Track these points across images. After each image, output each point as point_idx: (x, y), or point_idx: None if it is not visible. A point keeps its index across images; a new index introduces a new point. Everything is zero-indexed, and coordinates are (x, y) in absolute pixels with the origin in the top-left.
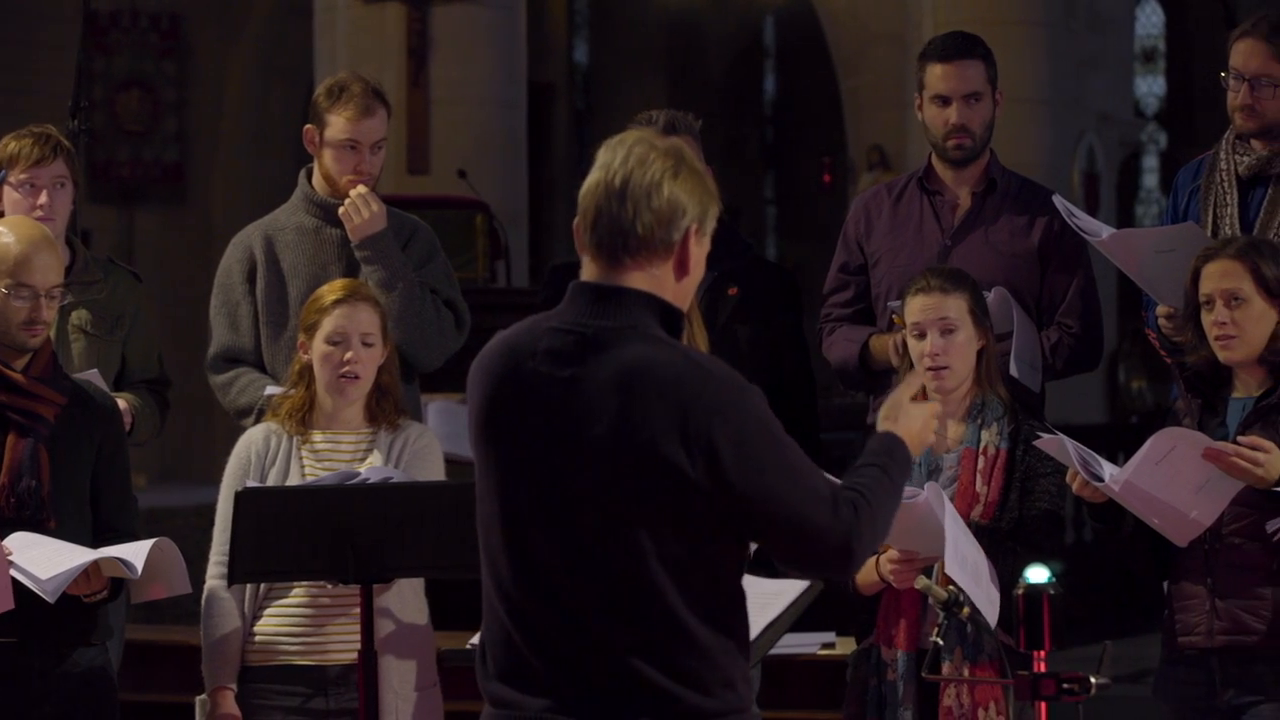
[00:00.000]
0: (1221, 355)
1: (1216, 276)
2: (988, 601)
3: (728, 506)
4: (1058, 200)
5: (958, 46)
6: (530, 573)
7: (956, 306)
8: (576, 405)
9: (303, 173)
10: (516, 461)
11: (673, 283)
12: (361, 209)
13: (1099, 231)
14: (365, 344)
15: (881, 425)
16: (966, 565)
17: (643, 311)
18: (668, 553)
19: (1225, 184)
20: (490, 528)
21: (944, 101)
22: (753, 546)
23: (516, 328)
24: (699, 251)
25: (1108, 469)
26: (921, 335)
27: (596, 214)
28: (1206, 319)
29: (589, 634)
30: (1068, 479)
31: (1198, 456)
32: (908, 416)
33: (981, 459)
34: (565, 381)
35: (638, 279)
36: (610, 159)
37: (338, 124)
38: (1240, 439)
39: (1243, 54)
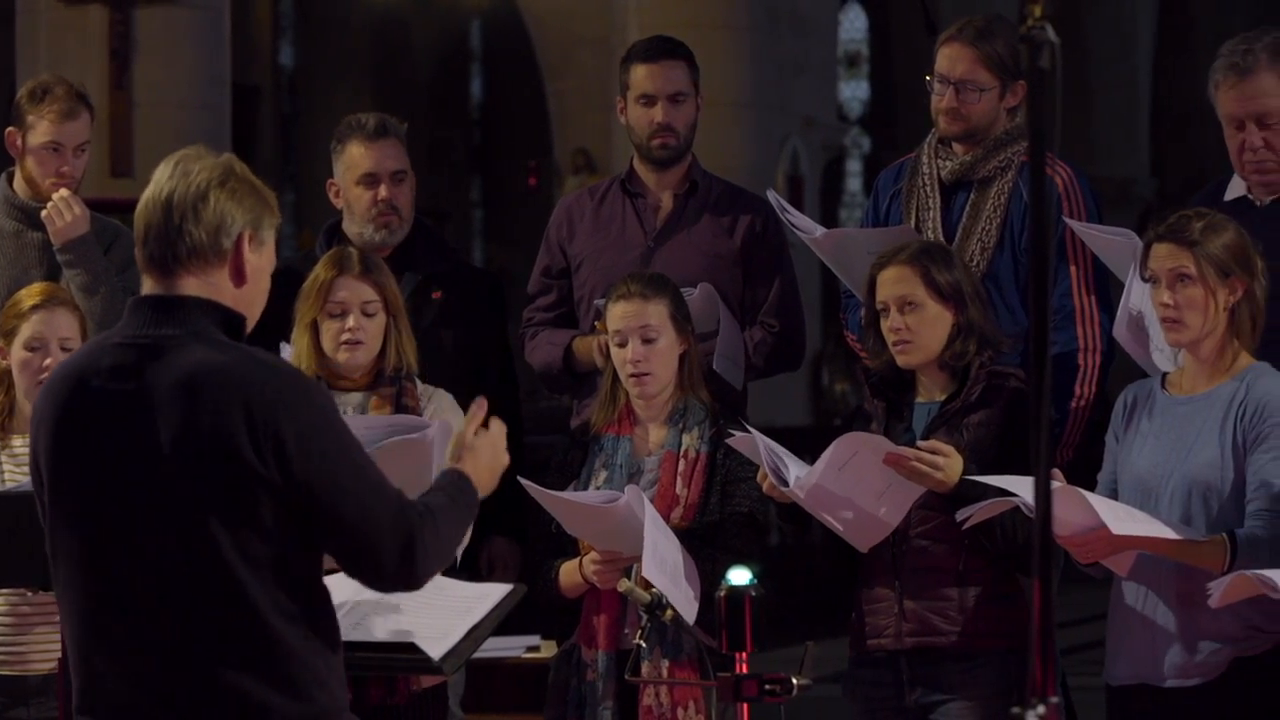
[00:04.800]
0: (900, 361)
1: (890, 283)
2: (686, 602)
3: (295, 500)
4: (771, 196)
5: (662, 48)
6: (111, 590)
7: (657, 313)
8: (143, 416)
9: (3, 176)
10: (91, 482)
11: (231, 289)
12: (64, 212)
13: (813, 230)
14: (64, 349)
15: (449, 463)
16: (666, 567)
17: (202, 318)
18: (249, 555)
19: (928, 188)
20: (67, 552)
21: (649, 101)
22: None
23: (80, 351)
24: (257, 260)
25: (794, 471)
26: (623, 343)
27: (147, 229)
28: (884, 325)
29: (173, 647)
30: (758, 478)
31: (879, 461)
32: (473, 453)
33: (682, 462)
34: (130, 394)
35: (195, 287)
36: (160, 176)
37: (40, 127)
38: (920, 443)
39: (949, 58)
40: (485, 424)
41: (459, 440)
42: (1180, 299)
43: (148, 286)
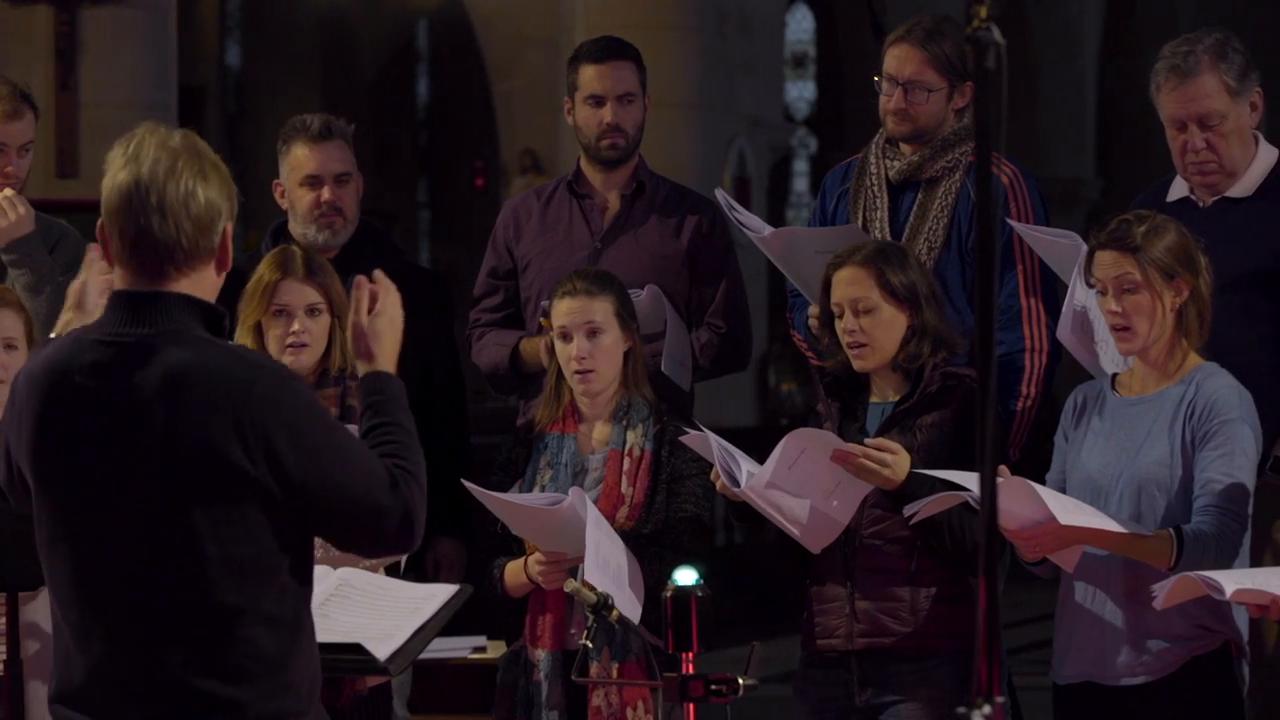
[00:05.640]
0: (856, 365)
1: (844, 284)
2: (630, 604)
3: (288, 498)
4: (720, 195)
5: (610, 48)
6: (92, 590)
7: (603, 309)
8: (126, 416)
9: None
10: (73, 481)
11: (214, 279)
12: (8, 212)
13: (760, 228)
14: (9, 347)
15: (358, 363)
16: (609, 569)
17: (184, 315)
18: (232, 554)
19: (875, 188)
20: (52, 549)
21: (598, 102)
22: None
23: (56, 345)
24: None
25: (746, 470)
26: (568, 338)
27: (135, 234)
28: (839, 327)
29: (149, 649)
30: (711, 477)
31: (828, 458)
32: (379, 339)
33: (627, 460)
34: (112, 394)
35: (180, 282)
36: (135, 168)
37: None
38: (867, 441)
39: (897, 59)
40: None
41: (357, 329)
42: (1128, 306)
43: (125, 280)
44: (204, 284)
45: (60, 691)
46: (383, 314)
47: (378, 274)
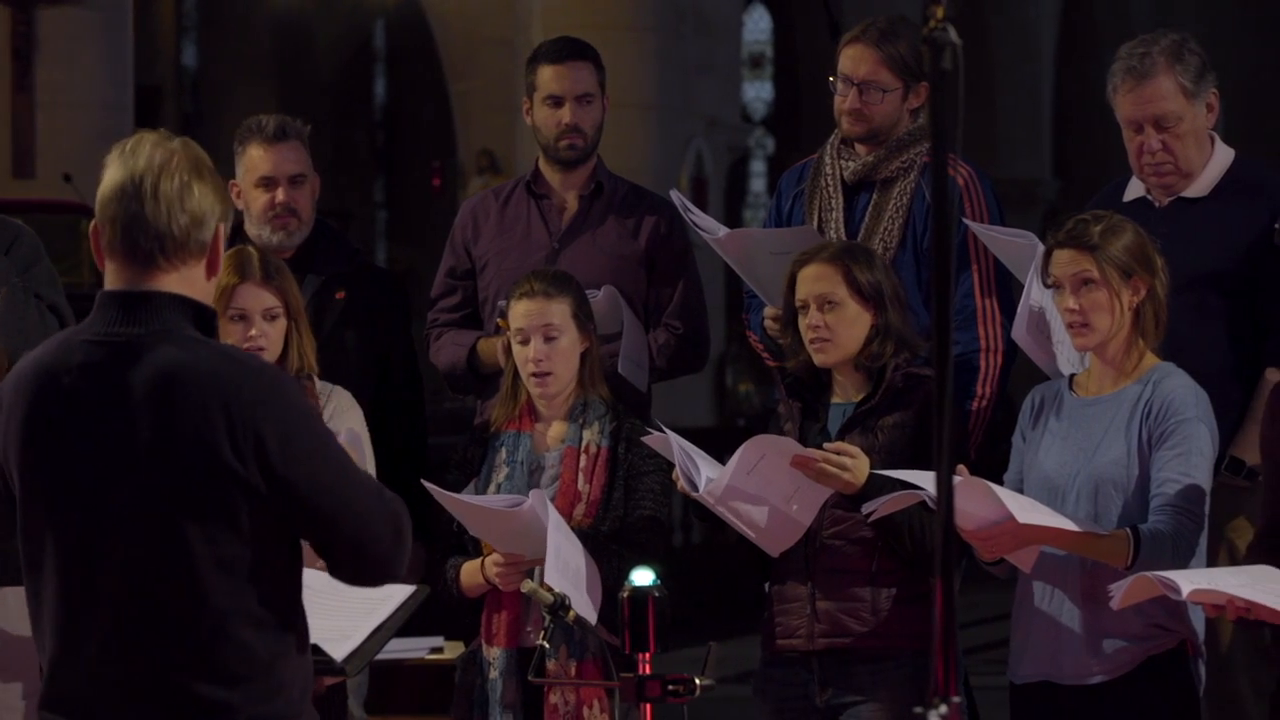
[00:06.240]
0: (817, 359)
1: (811, 280)
2: (588, 607)
3: (278, 502)
4: (675, 196)
5: (569, 49)
6: (82, 594)
7: (560, 311)
8: (117, 417)
9: None
10: (63, 482)
11: (204, 282)
12: None
13: (715, 230)
14: None
15: None
16: (568, 571)
17: (174, 314)
18: (222, 558)
19: (830, 188)
20: (40, 552)
21: (556, 102)
22: None
23: (45, 346)
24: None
25: (706, 474)
26: (525, 340)
27: (127, 219)
28: (803, 323)
29: (140, 652)
30: (673, 477)
31: (787, 464)
32: None
33: (584, 457)
34: (103, 395)
35: (170, 282)
36: (132, 162)
37: None
38: (826, 445)
39: (852, 59)
40: None
41: None
42: (1085, 303)
43: (115, 280)
44: (195, 284)
45: (48, 697)
46: None
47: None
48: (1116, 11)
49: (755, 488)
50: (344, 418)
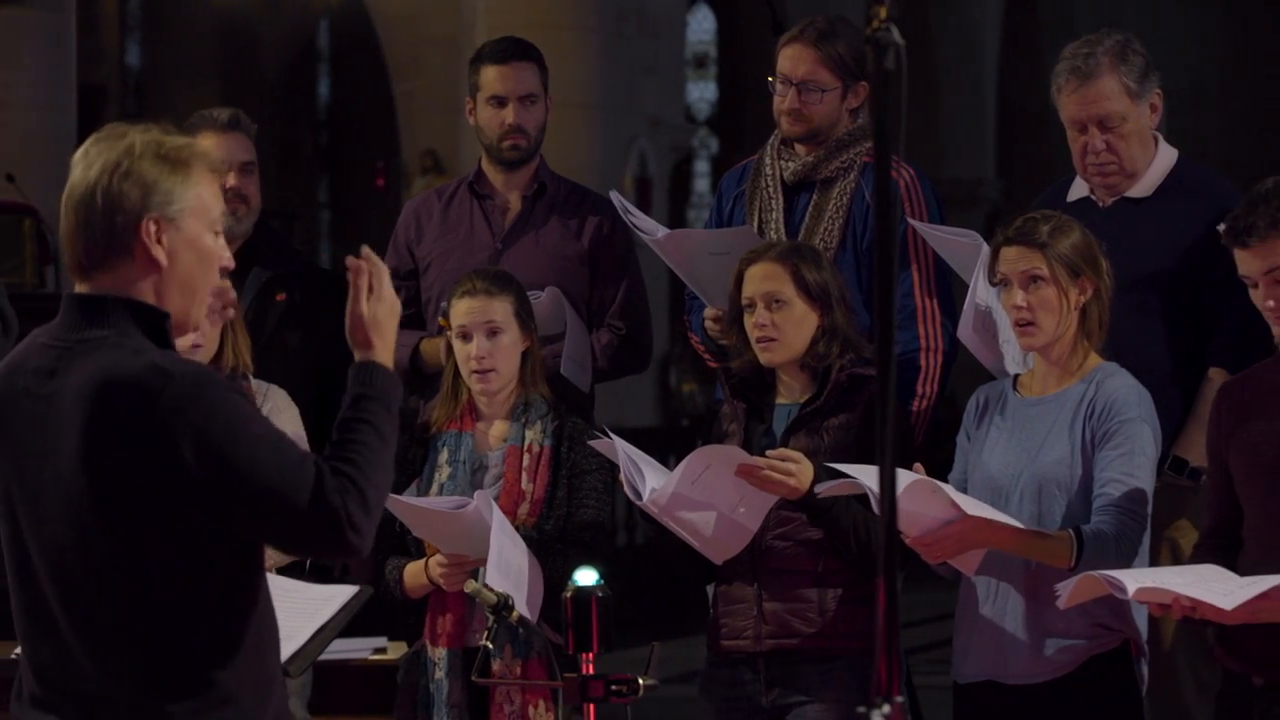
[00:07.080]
0: (762, 358)
1: (758, 279)
2: (530, 609)
3: (204, 506)
4: (614, 197)
5: (513, 49)
6: (32, 597)
7: (502, 309)
8: (52, 422)
9: None
10: (13, 483)
11: (151, 281)
12: None
13: (654, 231)
14: None
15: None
16: (510, 572)
17: (120, 318)
18: (154, 567)
19: (770, 189)
20: (6, 552)
21: (500, 103)
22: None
23: (21, 345)
24: (175, 240)
25: (651, 481)
26: (467, 338)
27: (68, 224)
28: (749, 321)
29: (86, 659)
30: (619, 480)
31: (732, 473)
32: (378, 328)
33: (526, 456)
34: (45, 398)
35: (111, 284)
36: (77, 168)
37: None
38: (770, 452)
39: (791, 59)
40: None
41: (356, 317)
42: (1033, 300)
43: (78, 283)
44: (134, 283)
45: (18, 692)
46: (382, 301)
47: (366, 251)
48: (1060, 12)
49: (701, 495)
50: (280, 417)
